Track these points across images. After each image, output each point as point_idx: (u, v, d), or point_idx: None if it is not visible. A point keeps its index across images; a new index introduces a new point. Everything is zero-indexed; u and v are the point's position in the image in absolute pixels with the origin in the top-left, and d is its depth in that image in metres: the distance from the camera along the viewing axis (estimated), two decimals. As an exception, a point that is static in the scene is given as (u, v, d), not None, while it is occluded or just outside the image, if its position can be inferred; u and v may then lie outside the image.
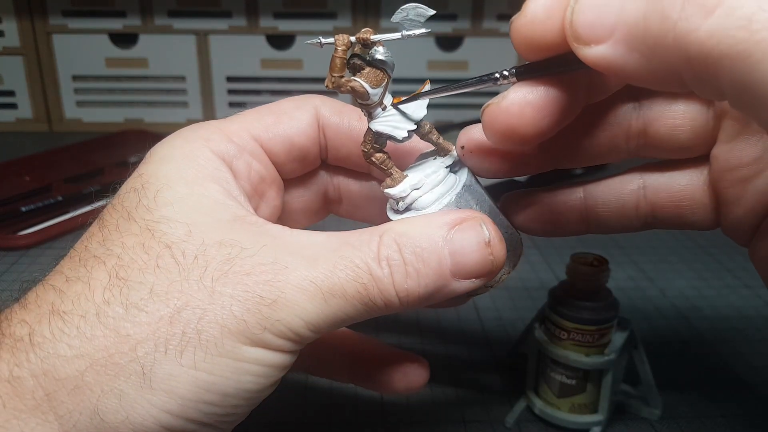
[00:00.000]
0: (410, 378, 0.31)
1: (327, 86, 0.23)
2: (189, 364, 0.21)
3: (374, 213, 0.31)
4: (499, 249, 0.24)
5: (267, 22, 0.87)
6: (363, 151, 0.25)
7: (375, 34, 0.23)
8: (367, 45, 0.23)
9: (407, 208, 0.25)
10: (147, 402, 0.21)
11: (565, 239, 0.57)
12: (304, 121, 0.29)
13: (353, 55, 0.24)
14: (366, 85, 0.23)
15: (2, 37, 0.85)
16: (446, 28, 0.87)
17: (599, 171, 0.29)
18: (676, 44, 0.17)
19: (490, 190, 0.26)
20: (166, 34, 0.87)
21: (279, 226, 0.24)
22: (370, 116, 0.25)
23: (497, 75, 0.23)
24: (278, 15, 0.86)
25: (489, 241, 0.24)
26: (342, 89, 0.23)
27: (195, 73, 0.89)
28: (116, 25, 0.86)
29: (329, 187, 0.32)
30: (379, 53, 0.23)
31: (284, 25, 0.87)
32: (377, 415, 0.35)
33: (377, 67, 0.24)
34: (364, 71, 0.24)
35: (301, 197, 0.32)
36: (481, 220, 0.24)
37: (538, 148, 0.25)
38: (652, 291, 0.49)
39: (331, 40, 0.23)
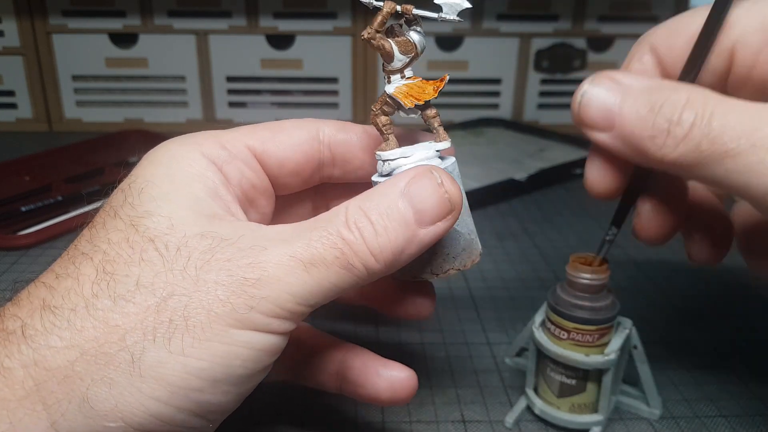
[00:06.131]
0: (396, 388, 0.31)
1: (362, 36, 0.26)
2: (177, 351, 0.21)
3: None
4: (451, 187, 0.25)
5: (267, 22, 0.87)
6: (372, 110, 0.28)
7: (416, 9, 0.26)
8: (407, 15, 0.26)
9: (390, 173, 0.27)
10: (136, 390, 0.21)
11: (565, 239, 0.57)
12: (300, 138, 0.30)
13: (393, 24, 0.27)
14: (395, 48, 0.26)
15: (2, 37, 0.85)
16: (446, 27, 0.87)
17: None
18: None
19: (489, 189, 0.27)
20: (166, 34, 0.86)
21: (256, 223, 0.25)
22: (389, 81, 0.27)
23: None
24: (278, 15, 0.86)
25: (441, 182, 0.25)
26: (374, 42, 0.26)
27: (195, 73, 0.89)
28: (116, 25, 0.86)
29: (320, 205, 0.33)
30: (415, 32, 0.27)
31: (284, 25, 0.87)
32: (377, 414, 0.35)
33: (410, 41, 0.27)
34: (398, 38, 0.26)
35: (295, 214, 0.33)
36: (431, 168, 0.25)
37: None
38: (652, 291, 0.49)
39: (380, 4, 0.26)
